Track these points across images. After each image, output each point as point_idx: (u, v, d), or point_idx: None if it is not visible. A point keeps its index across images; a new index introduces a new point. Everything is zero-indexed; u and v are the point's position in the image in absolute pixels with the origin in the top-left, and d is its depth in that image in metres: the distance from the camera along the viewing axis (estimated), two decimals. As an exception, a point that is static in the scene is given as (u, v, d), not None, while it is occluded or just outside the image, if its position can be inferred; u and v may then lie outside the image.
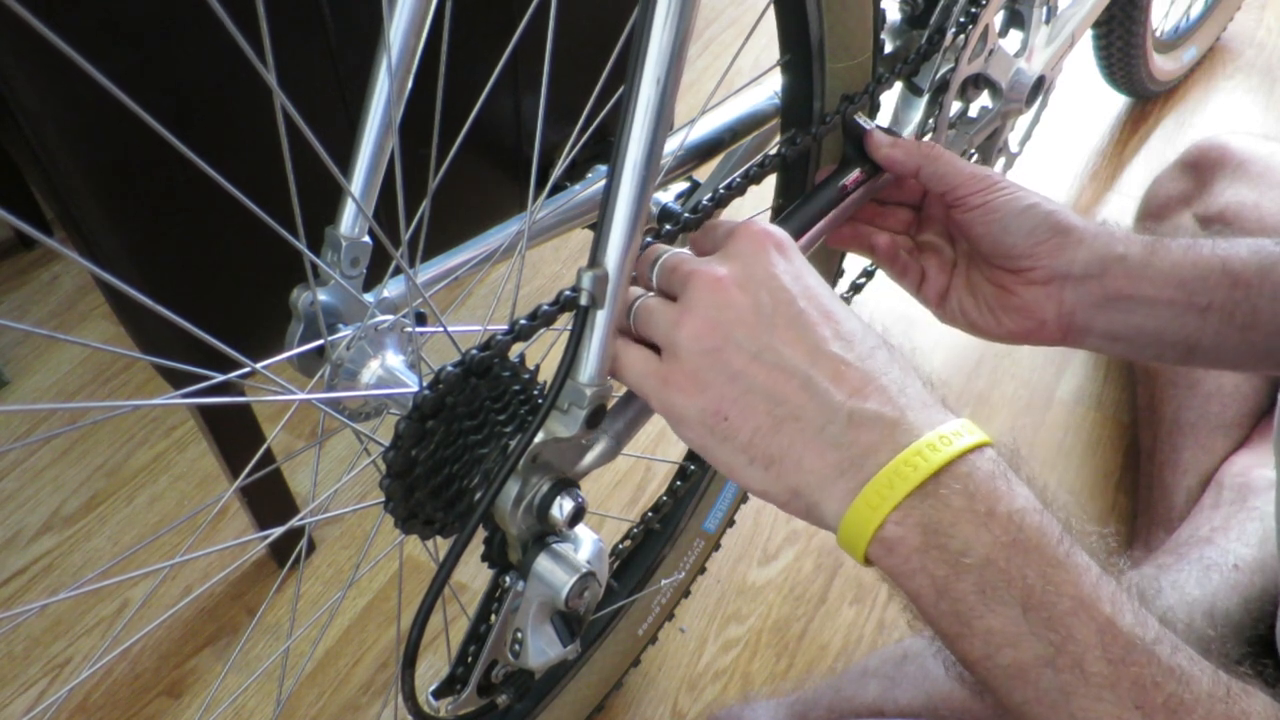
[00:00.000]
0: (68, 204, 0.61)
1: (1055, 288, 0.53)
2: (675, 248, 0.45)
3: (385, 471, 0.41)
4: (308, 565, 0.98)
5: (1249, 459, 0.87)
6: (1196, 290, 0.51)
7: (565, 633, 0.45)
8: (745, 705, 0.67)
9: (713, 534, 0.84)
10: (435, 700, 0.47)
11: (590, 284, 0.40)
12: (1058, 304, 0.53)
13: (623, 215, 0.40)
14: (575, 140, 0.50)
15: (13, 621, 0.89)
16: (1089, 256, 0.52)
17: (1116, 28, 1.30)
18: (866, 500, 0.37)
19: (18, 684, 0.89)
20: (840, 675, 0.66)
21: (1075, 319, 0.53)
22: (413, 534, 0.44)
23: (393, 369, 0.48)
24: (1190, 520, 0.83)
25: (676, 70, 0.39)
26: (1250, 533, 0.78)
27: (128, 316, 0.71)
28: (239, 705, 0.88)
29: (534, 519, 0.44)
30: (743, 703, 0.67)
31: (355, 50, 0.64)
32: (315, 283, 0.48)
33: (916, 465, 0.36)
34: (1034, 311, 0.53)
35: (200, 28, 0.56)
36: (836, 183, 0.54)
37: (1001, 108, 0.67)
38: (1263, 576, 0.74)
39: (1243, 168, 0.98)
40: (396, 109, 0.46)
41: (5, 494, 1.03)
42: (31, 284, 1.25)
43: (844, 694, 0.64)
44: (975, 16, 0.59)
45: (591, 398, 0.42)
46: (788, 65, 0.59)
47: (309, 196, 0.39)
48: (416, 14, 0.46)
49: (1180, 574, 0.74)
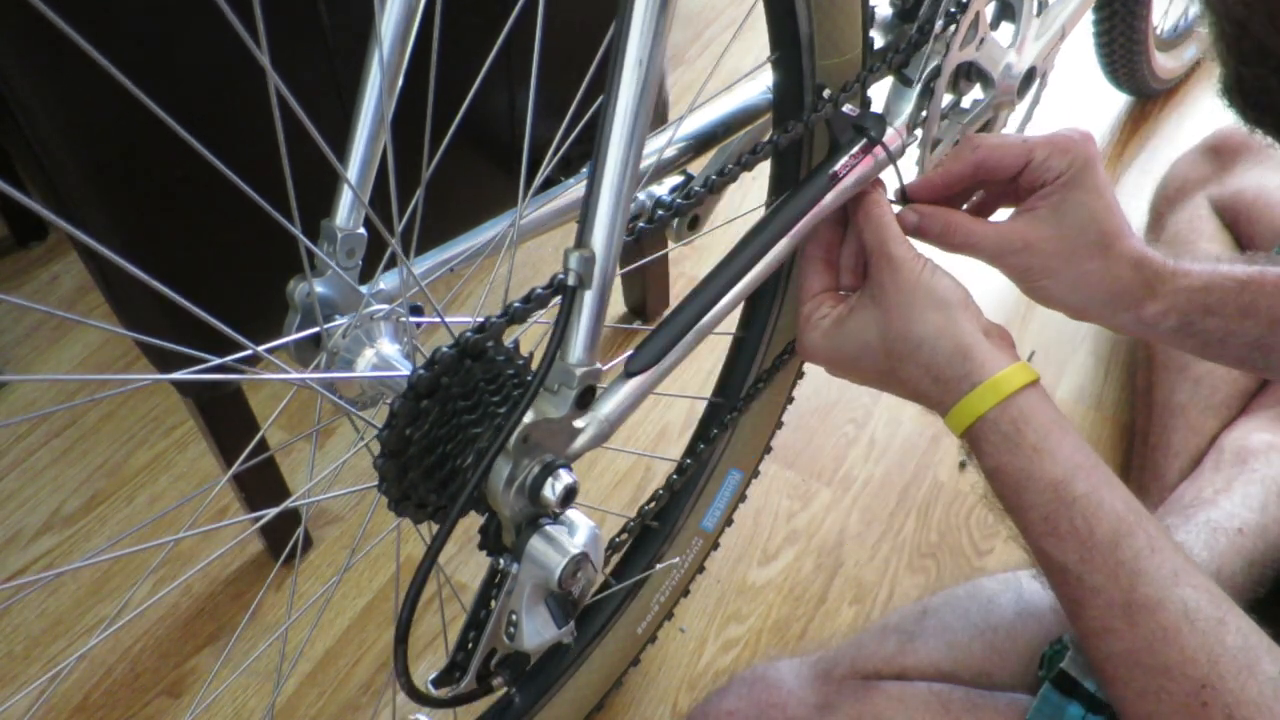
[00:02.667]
0: (65, 200, 0.62)
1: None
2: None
3: (379, 452, 0.42)
4: (307, 564, 0.98)
5: (1248, 425, 0.88)
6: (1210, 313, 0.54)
7: (560, 615, 0.46)
8: (769, 664, 0.67)
9: (710, 533, 0.84)
10: (435, 689, 0.47)
11: (578, 264, 0.41)
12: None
13: (608, 195, 0.40)
14: (564, 134, 0.50)
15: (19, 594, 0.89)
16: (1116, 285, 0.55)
17: (1118, 25, 1.31)
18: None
19: (18, 684, 0.89)
20: (862, 632, 0.67)
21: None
22: (406, 516, 0.44)
23: (388, 357, 0.49)
24: (1193, 481, 0.84)
25: (660, 47, 0.39)
26: (1252, 496, 0.79)
27: (126, 309, 0.71)
28: (239, 704, 0.88)
29: (526, 500, 0.44)
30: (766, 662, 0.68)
31: (350, 43, 0.65)
32: (312, 274, 0.49)
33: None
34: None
35: (197, 18, 0.57)
36: (826, 170, 0.55)
37: (993, 99, 0.67)
38: (1264, 541, 0.76)
39: (1265, 153, 0.99)
40: (389, 102, 0.47)
41: (5, 494, 1.04)
42: (31, 284, 1.26)
43: (865, 650, 0.65)
44: (965, 5, 0.59)
45: (581, 378, 0.42)
46: (778, 62, 0.59)
47: (303, 191, 0.40)
48: (408, 6, 0.46)
49: (1187, 535, 0.75)
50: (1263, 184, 0.97)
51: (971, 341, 0.51)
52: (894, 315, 0.52)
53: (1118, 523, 0.47)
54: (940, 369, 0.51)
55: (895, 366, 0.53)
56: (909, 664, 0.64)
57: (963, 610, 0.65)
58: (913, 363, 0.52)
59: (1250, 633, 0.45)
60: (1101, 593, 0.47)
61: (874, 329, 0.53)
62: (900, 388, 0.55)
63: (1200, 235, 1.00)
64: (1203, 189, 1.03)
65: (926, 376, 0.52)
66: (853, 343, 0.54)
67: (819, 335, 0.56)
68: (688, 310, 0.51)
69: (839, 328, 0.55)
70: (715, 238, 0.75)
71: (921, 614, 0.66)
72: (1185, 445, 0.90)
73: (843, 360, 0.56)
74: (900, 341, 0.52)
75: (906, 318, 0.52)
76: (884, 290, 0.53)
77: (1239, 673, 0.44)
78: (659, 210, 0.53)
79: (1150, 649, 0.45)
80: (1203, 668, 0.44)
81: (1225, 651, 0.44)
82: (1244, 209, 0.97)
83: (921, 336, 0.51)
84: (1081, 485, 0.48)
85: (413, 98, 0.48)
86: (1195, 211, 1.01)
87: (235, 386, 0.81)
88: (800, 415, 1.10)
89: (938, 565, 0.98)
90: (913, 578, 0.97)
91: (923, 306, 0.51)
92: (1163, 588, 0.46)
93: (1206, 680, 0.44)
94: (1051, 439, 0.49)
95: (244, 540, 1.00)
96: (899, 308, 0.52)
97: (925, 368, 0.51)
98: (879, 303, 0.53)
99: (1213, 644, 0.44)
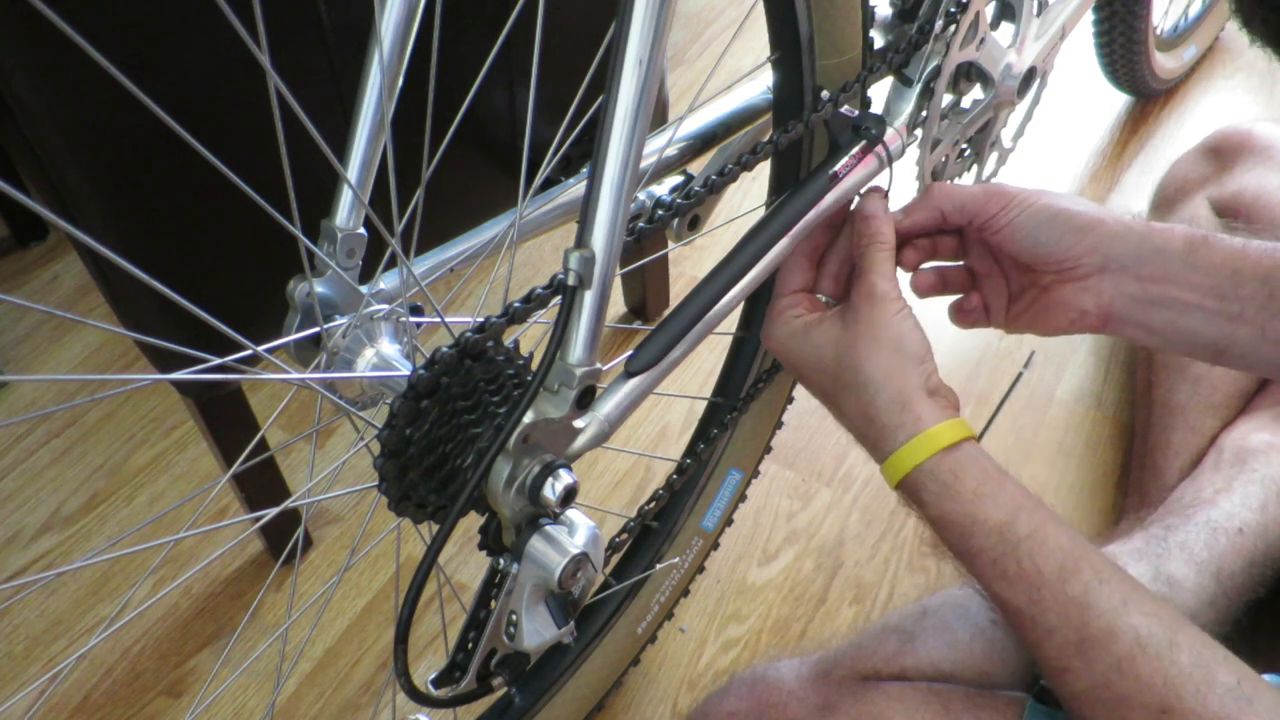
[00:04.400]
0: (65, 200, 0.62)
1: (1094, 280, 0.55)
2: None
3: (380, 451, 0.42)
4: (307, 564, 0.98)
5: (1248, 425, 0.88)
6: (1230, 299, 0.53)
7: (560, 615, 0.46)
8: (769, 664, 0.67)
9: (710, 533, 0.84)
10: (436, 689, 0.47)
11: (578, 264, 0.41)
12: (1096, 295, 0.55)
13: (608, 195, 0.40)
14: (564, 134, 0.50)
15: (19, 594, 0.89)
16: (1124, 249, 0.54)
17: (1118, 25, 1.30)
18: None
19: (18, 684, 0.89)
20: (862, 632, 0.67)
21: (1114, 309, 0.55)
22: (406, 516, 0.44)
23: (388, 357, 0.49)
24: (1192, 481, 0.84)
25: (660, 47, 0.39)
26: (1252, 496, 0.79)
27: (126, 309, 0.71)
28: (239, 704, 0.88)
29: (526, 500, 0.44)
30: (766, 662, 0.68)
31: (350, 43, 0.65)
32: (312, 274, 0.49)
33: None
34: (1075, 303, 0.56)
35: (197, 18, 0.57)
36: (826, 170, 0.55)
37: (993, 99, 0.67)
38: (1264, 541, 0.76)
39: (1265, 154, 0.99)
40: (389, 102, 0.47)
41: (5, 494, 1.04)
42: (31, 284, 1.26)
43: (865, 650, 0.65)
44: (965, 5, 0.59)
45: (581, 378, 0.42)
46: (778, 62, 0.59)
47: (303, 191, 0.40)
48: (408, 6, 0.46)
49: (1188, 535, 0.75)
50: (1262, 184, 0.97)
51: (913, 395, 0.51)
52: (854, 345, 0.53)
53: (1063, 558, 0.47)
54: (878, 413, 0.52)
55: (838, 394, 0.54)
56: (909, 664, 0.64)
57: (963, 610, 0.65)
58: (854, 397, 0.53)
59: (1203, 647, 0.45)
60: (1056, 633, 0.47)
61: (832, 350, 0.54)
62: (839, 415, 0.56)
63: None
64: (1202, 189, 1.02)
65: (862, 416, 0.53)
66: (810, 353, 0.55)
67: (785, 333, 0.57)
68: (688, 310, 0.51)
69: (804, 334, 0.56)
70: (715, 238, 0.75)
71: (921, 614, 0.66)
72: (1185, 445, 0.90)
73: (795, 364, 0.57)
74: (850, 372, 0.53)
75: (864, 353, 0.52)
76: (855, 318, 0.53)
77: (1196, 690, 0.44)
78: (659, 210, 0.53)
79: (1108, 683, 0.46)
80: (1159, 693, 0.44)
81: (1180, 672, 0.44)
82: (1243, 209, 0.97)
83: (869, 376, 0.52)
84: (1024, 525, 0.48)
85: (413, 98, 0.48)
86: (1195, 212, 1.01)
87: (235, 386, 0.81)
88: (800, 415, 1.10)
89: (938, 565, 0.98)
90: (913, 578, 0.97)
91: (881, 347, 0.52)
92: (1113, 618, 0.46)
93: (1165, 704, 0.44)
94: (990, 484, 0.49)
95: (244, 540, 1.00)
96: (861, 339, 0.52)
97: (864, 407, 0.52)
98: (847, 327, 0.54)
99: (1167, 667, 0.45)
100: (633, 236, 0.49)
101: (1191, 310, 0.54)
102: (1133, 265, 0.54)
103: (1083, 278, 0.55)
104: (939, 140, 0.66)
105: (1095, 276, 0.55)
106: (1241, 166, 0.99)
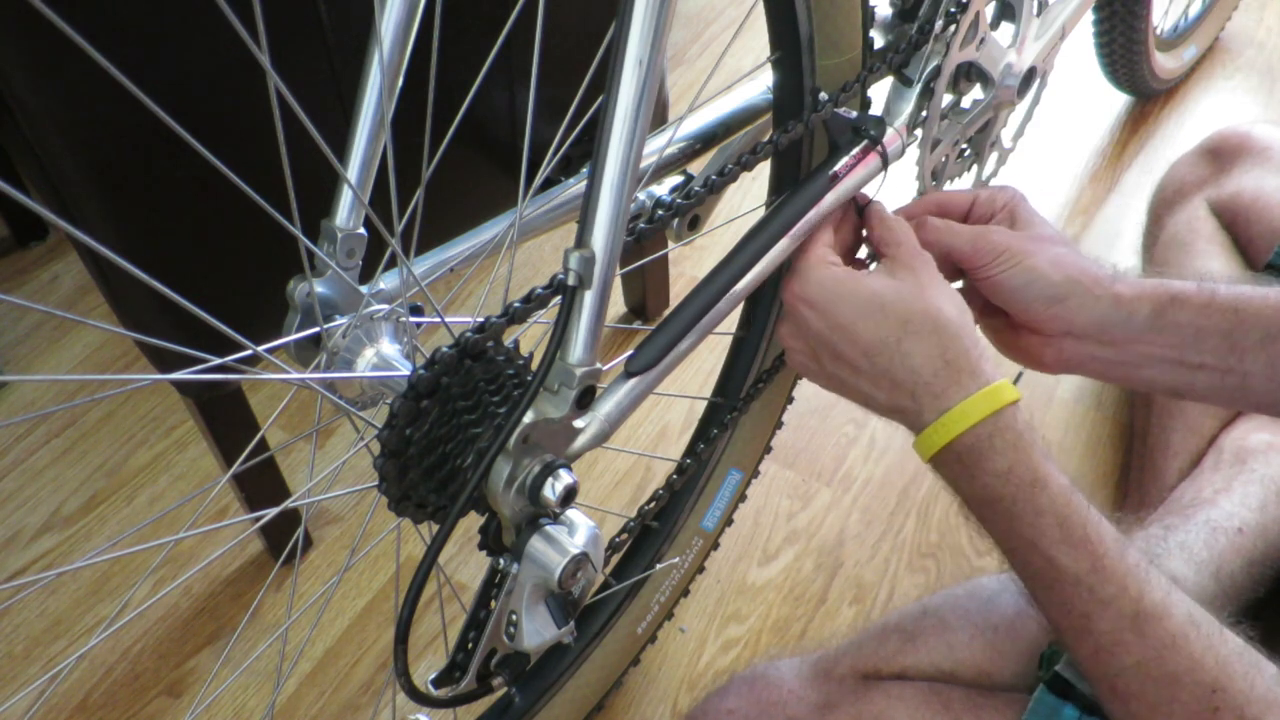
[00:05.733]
0: (65, 200, 0.62)
1: (1058, 340, 0.56)
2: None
3: (380, 452, 0.42)
4: (307, 564, 0.98)
5: (1247, 425, 0.88)
6: (1191, 353, 0.54)
7: (560, 615, 0.46)
8: (769, 663, 0.67)
9: (710, 533, 0.84)
10: (435, 689, 0.47)
11: (578, 264, 0.41)
12: (1058, 352, 0.57)
13: (608, 195, 0.41)
14: (564, 134, 0.51)
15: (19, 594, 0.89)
16: (1089, 320, 0.55)
17: (1118, 25, 1.30)
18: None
19: (18, 684, 0.89)
20: (862, 632, 0.67)
21: (1071, 363, 0.57)
22: (406, 516, 0.44)
23: (388, 357, 0.49)
24: (1192, 481, 0.85)
25: (660, 47, 0.39)
26: (1252, 495, 0.79)
27: (126, 309, 0.71)
28: (239, 704, 0.88)
29: (526, 500, 0.44)
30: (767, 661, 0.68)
31: (350, 43, 0.65)
32: (312, 274, 0.49)
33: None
34: (1035, 352, 0.58)
35: (197, 18, 0.57)
36: (827, 170, 0.55)
37: (993, 99, 0.67)
38: (1264, 541, 0.76)
39: (1264, 155, 0.99)
40: (389, 102, 0.47)
41: (5, 494, 1.04)
42: (31, 284, 1.26)
43: (865, 649, 0.65)
44: (965, 5, 0.59)
45: (581, 378, 0.42)
46: (778, 62, 0.59)
47: (303, 191, 0.40)
48: (408, 6, 0.46)
49: (1188, 535, 0.75)
50: (1261, 185, 0.97)
51: (983, 346, 0.52)
52: (924, 290, 0.51)
53: (1115, 531, 0.48)
54: (962, 353, 0.50)
55: (903, 338, 0.51)
56: (909, 663, 0.64)
57: (963, 610, 0.65)
58: (929, 341, 0.50)
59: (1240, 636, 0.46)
60: (1112, 604, 0.46)
61: (894, 294, 0.51)
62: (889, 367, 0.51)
63: (1199, 236, 1.00)
64: (1201, 190, 1.02)
65: (939, 359, 0.50)
66: (866, 298, 0.52)
67: (829, 278, 0.53)
68: (688, 310, 0.51)
69: (853, 281, 0.52)
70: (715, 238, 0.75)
71: (921, 613, 0.67)
72: (1185, 445, 0.90)
73: (839, 313, 0.52)
74: (921, 317, 0.50)
75: (937, 297, 0.51)
76: (912, 269, 0.52)
77: (1246, 672, 0.44)
78: (659, 210, 0.53)
79: (1160, 658, 0.45)
80: (1211, 672, 0.44)
81: (1231, 653, 0.44)
82: (1242, 210, 0.97)
83: (949, 318, 0.51)
84: (1079, 495, 0.48)
85: (413, 98, 0.48)
86: (1194, 213, 1.01)
87: (235, 386, 0.81)
88: (800, 415, 1.10)
89: (938, 565, 0.98)
90: (913, 578, 0.97)
91: (950, 295, 0.52)
92: (1166, 593, 0.46)
93: (1216, 684, 0.44)
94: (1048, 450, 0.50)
95: (244, 540, 1.00)
96: (929, 287, 0.52)
97: (943, 349, 0.50)
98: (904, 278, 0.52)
99: (1218, 646, 0.45)
100: (633, 236, 0.49)
101: (1153, 363, 0.55)
102: (1095, 333, 0.55)
103: (1047, 336, 0.56)
104: (939, 140, 0.66)
105: (1058, 338, 0.56)
106: (1240, 168, 1.00)
